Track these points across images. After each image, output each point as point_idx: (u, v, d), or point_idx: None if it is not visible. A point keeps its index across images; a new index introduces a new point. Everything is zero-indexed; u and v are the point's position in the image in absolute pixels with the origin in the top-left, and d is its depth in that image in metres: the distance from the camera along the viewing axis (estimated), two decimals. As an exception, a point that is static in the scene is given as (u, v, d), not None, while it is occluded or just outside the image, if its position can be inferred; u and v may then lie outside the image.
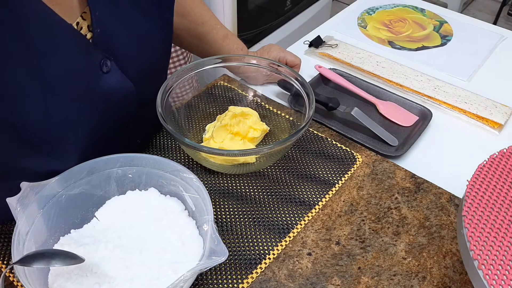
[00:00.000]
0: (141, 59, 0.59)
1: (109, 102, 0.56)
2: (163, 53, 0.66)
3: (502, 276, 0.38)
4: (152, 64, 0.62)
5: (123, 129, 0.62)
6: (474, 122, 0.78)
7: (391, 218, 0.60)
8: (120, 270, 0.49)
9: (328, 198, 0.62)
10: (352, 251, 0.56)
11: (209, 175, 0.66)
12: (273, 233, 0.58)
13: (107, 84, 0.54)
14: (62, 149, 0.53)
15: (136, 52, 0.58)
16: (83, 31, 0.51)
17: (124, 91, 0.57)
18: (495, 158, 0.49)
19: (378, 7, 1.11)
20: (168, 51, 0.67)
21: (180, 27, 0.78)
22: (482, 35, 1.01)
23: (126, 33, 0.55)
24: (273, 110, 0.75)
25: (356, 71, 0.89)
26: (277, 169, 0.66)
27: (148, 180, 0.58)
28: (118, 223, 0.55)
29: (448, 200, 0.62)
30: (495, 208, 0.43)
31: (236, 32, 1.52)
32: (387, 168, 0.67)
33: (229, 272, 0.53)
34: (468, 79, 0.88)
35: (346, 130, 0.74)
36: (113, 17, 0.53)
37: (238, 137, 0.68)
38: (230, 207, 0.61)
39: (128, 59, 0.57)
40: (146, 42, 0.59)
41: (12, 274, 0.53)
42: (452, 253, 0.56)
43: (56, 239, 0.53)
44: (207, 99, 0.77)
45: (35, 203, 0.51)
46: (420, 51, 0.96)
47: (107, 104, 0.56)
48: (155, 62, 0.64)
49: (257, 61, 0.72)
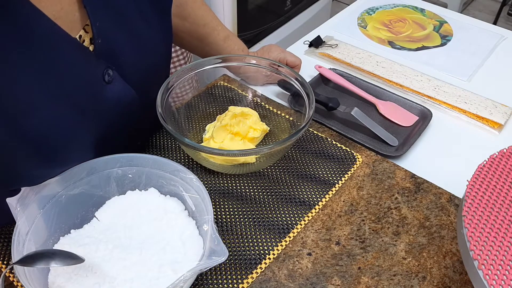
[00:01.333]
0: (142, 65, 0.59)
1: (113, 111, 0.57)
2: (164, 57, 0.66)
3: (502, 276, 0.38)
4: (153, 69, 0.63)
5: (125, 133, 0.63)
6: (474, 122, 0.78)
7: (391, 218, 0.60)
8: (120, 270, 0.49)
9: (328, 198, 0.62)
10: (352, 251, 0.56)
11: (209, 175, 0.66)
12: (273, 233, 0.58)
13: (110, 94, 0.55)
14: (65, 157, 0.54)
15: (137, 59, 0.58)
16: (86, 44, 0.51)
17: (128, 99, 0.58)
18: (495, 158, 0.49)
19: (378, 7, 1.11)
20: (169, 55, 0.68)
21: (181, 29, 0.78)
22: (482, 35, 1.01)
23: (127, 41, 0.56)
24: (273, 110, 0.75)
25: (356, 71, 0.89)
26: (277, 169, 0.66)
27: (148, 180, 0.58)
28: (118, 223, 0.55)
29: (448, 200, 0.62)
30: (495, 208, 0.43)
31: (236, 32, 1.52)
32: (387, 168, 0.67)
33: (229, 272, 0.53)
34: (468, 79, 0.88)
35: (346, 130, 0.74)
36: (113, 26, 0.53)
37: (238, 137, 0.68)
38: (230, 207, 0.61)
39: (130, 67, 0.57)
40: (147, 48, 0.59)
41: (12, 274, 0.53)
42: (452, 253, 0.56)
43: (56, 239, 0.53)
44: (207, 99, 0.77)
45: (35, 203, 0.51)
46: (420, 51, 0.96)
47: (110, 113, 0.56)
48: (156, 67, 0.64)
49: (257, 61, 0.72)
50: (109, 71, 0.54)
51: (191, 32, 0.79)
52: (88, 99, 0.53)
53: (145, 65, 0.60)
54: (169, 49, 0.67)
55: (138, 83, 0.58)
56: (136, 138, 0.68)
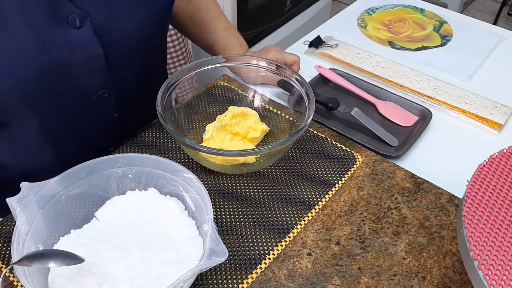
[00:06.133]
0: (125, 26, 0.59)
1: (72, 57, 0.55)
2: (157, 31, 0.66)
3: (502, 276, 0.38)
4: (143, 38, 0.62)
5: (93, 102, 0.62)
6: (474, 122, 0.78)
7: (391, 218, 0.60)
8: (120, 270, 0.49)
9: (328, 198, 0.62)
10: (352, 251, 0.56)
11: (209, 175, 0.66)
12: (273, 233, 0.58)
13: (72, 38, 0.54)
14: (16, 101, 0.54)
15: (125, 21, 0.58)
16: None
17: (91, 52, 0.57)
18: (495, 158, 0.49)
19: (378, 7, 1.11)
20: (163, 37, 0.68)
21: (184, 12, 0.79)
22: (482, 35, 1.01)
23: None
24: (273, 110, 0.75)
25: (356, 71, 0.89)
26: (277, 169, 0.66)
27: (148, 180, 0.58)
28: (118, 223, 0.55)
29: (448, 200, 0.62)
30: (495, 208, 0.43)
31: (236, 32, 1.52)
32: (387, 168, 0.67)
33: (229, 272, 0.53)
34: (468, 79, 0.88)
35: (346, 130, 0.74)
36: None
37: (238, 137, 0.68)
38: (230, 207, 0.61)
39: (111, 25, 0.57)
40: (140, 12, 0.59)
41: (12, 274, 0.53)
42: (452, 253, 0.56)
43: (56, 239, 0.53)
44: (207, 99, 0.77)
45: (35, 203, 0.51)
46: (420, 51, 0.96)
47: (69, 58, 0.55)
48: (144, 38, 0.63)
49: (256, 61, 0.72)
50: (79, 18, 0.53)
51: (193, 16, 0.80)
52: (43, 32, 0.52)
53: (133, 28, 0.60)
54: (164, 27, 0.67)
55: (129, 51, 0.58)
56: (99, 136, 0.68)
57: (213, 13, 0.81)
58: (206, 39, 0.83)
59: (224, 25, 0.82)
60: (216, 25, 0.81)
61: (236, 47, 0.83)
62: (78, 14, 0.54)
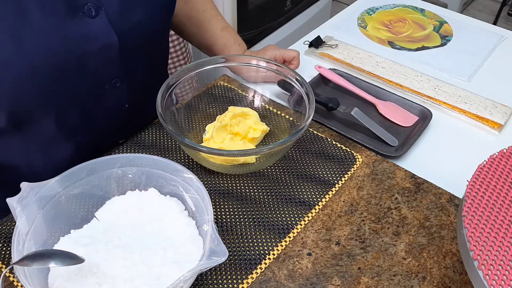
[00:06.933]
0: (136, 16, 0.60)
1: (88, 47, 0.56)
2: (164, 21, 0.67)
3: (502, 276, 0.38)
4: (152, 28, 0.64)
5: (105, 91, 0.63)
6: (474, 122, 0.78)
7: (391, 218, 0.60)
8: (120, 270, 0.49)
9: (328, 198, 0.62)
10: (352, 251, 0.56)
11: (209, 175, 0.66)
12: (273, 233, 0.58)
13: (89, 28, 0.55)
14: (36, 96, 0.54)
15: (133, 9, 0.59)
16: None
17: (107, 41, 0.57)
18: (495, 158, 0.49)
19: (378, 7, 1.11)
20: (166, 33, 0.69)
21: (182, 12, 0.80)
22: (482, 35, 1.01)
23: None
24: (273, 110, 0.75)
25: (356, 71, 0.89)
26: (277, 169, 0.66)
27: (148, 180, 0.58)
28: (118, 223, 0.55)
29: (448, 200, 0.62)
30: (495, 208, 0.43)
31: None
32: (387, 168, 0.67)
33: (229, 272, 0.53)
34: (468, 79, 0.88)
35: (346, 130, 0.74)
36: None
37: (238, 137, 0.68)
38: (230, 207, 0.61)
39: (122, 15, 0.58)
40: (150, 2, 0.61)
41: (12, 274, 0.53)
42: (452, 253, 0.56)
43: (56, 239, 0.53)
44: (207, 99, 0.77)
45: (35, 203, 0.51)
46: (420, 51, 0.96)
47: (86, 48, 0.56)
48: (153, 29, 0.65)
49: (256, 61, 0.72)
50: (94, 8, 0.54)
51: (191, 17, 0.81)
52: (60, 23, 0.52)
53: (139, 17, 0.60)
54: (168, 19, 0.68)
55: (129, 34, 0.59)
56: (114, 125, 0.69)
57: (210, 13, 0.82)
58: (204, 39, 0.83)
59: (221, 25, 0.83)
60: (214, 24, 0.82)
61: (235, 46, 0.83)
62: (93, 4, 0.54)
